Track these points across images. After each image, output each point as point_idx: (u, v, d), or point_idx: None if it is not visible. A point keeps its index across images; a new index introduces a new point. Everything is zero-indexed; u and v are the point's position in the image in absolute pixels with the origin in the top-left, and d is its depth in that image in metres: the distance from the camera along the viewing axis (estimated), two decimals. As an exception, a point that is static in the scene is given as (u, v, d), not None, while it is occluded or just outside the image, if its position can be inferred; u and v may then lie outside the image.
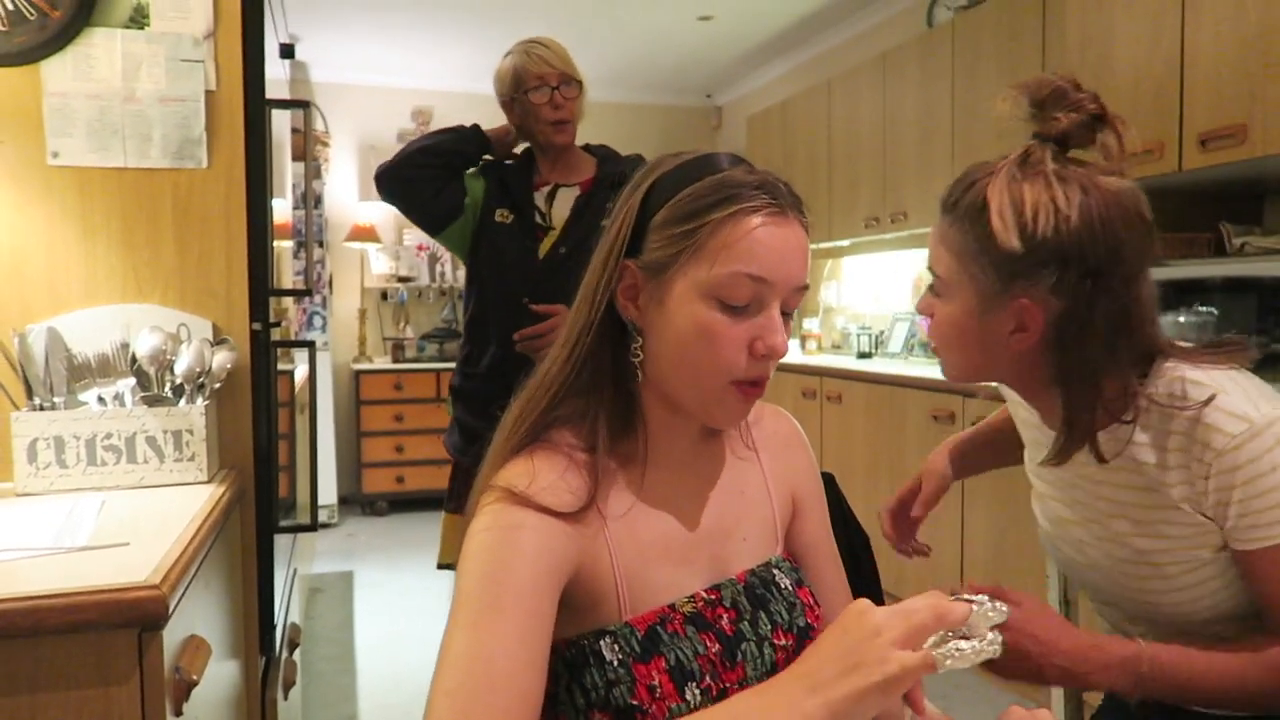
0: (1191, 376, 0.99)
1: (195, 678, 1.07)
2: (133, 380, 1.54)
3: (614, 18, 4.71)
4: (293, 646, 2.15)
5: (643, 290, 0.89)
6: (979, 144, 3.33)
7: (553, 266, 2.03)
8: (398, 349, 5.63)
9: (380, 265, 5.77)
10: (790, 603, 0.95)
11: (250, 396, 1.70)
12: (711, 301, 0.85)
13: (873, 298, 4.70)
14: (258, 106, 1.70)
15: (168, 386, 1.54)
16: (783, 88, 5.48)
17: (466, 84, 5.73)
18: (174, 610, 1.00)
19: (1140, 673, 0.98)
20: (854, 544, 1.22)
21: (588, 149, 2.20)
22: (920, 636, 0.67)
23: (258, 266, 1.70)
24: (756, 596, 0.94)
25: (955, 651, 0.71)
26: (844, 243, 4.60)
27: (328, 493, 5.08)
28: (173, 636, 1.02)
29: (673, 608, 0.89)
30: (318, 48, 5.16)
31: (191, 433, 1.50)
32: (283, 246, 2.86)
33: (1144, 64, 2.33)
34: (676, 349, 0.87)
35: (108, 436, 1.46)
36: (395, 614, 3.70)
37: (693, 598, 0.91)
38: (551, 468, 0.87)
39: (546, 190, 2.13)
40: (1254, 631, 1.02)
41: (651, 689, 0.84)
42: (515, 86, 2.07)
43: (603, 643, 0.86)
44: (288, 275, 2.90)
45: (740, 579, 0.95)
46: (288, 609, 2.18)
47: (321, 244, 5.16)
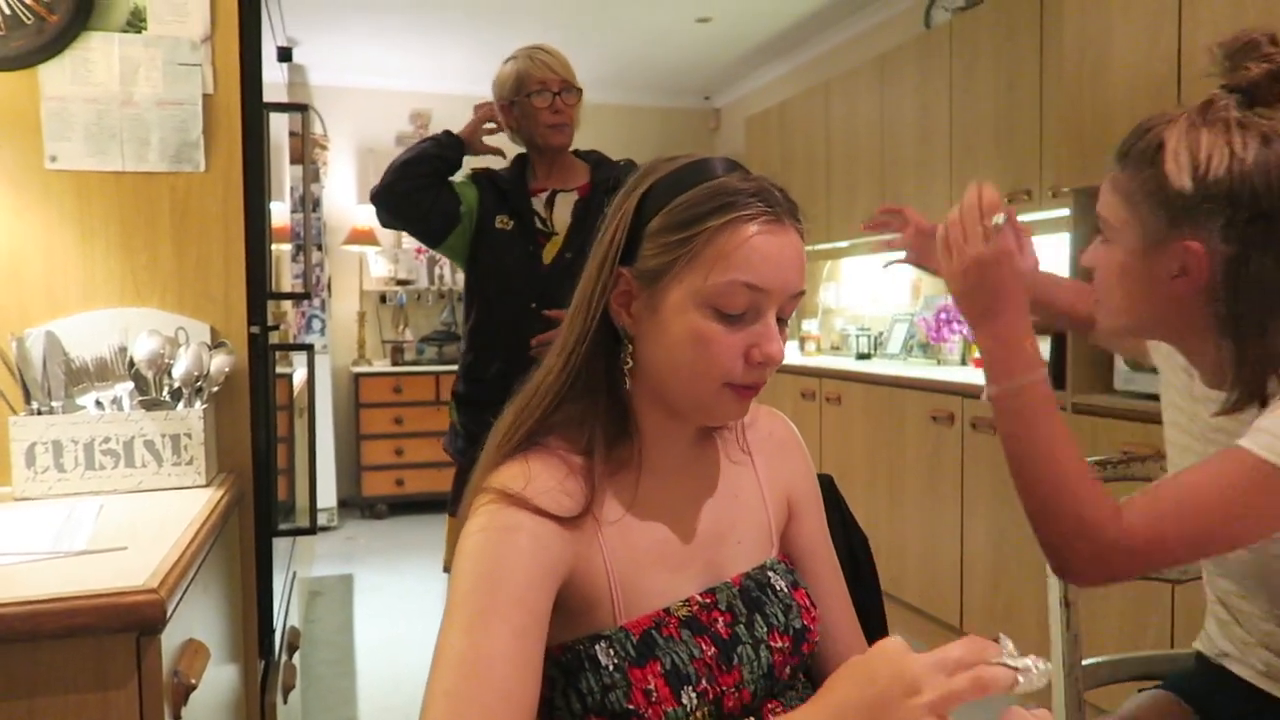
0: None
1: (194, 681, 1.06)
2: (131, 384, 1.54)
3: (612, 19, 4.71)
4: (292, 650, 2.14)
5: (637, 298, 0.89)
6: (977, 145, 3.34)
7: (560, 272, 2.04)
8: (397, 352, 5.63)
9: (379, 268, 5.78)
10: (786, 605, 0.95)
11: (249, 400, 1.70)
12: (707, 310, 0.85)
13: (871, 299, 4.70)
14: (255, 110, 1.70)
15: (166, 390, 1.54)
16: (781, 89, 5.48)
17: (464, 86, 5.73)
18: (172, 614, 1.00)
19: None
20: (853, 545, 1.22)
21: (578, 154, 2.24)
22: (955, 705, 0.62)
23: (256, 270, 1.70)
24: (752, 599, 0.94)
25: None
26: (842, 244, 4.60)
27: (327, 496, 5.08)
28: (171, 640, 1.02)
29: (667, 612, 0.89)
30: (316, 51, 5.17)
31: (190, 436, 1.50)
32: (281, 250, 2.86)
33: (1142, 64, 2.33)
34: (671, 357, 0.87)
35: (106, 440, 1.46)
36: (395, 617, 3.70)
37: (688, 601, 0.91)
38: (549, 472, 0.87)
39: (545, 196, 2.15)
40: None
41: (647, 693, 0.84)
42: (517, 90, 2.11)
43: (598, 647, 0.86)
44: (286, 279, 2.90)
45: (735, 582, 0.95)
46: (287, 612, 2.18)
47: (320, 247, 5.16)
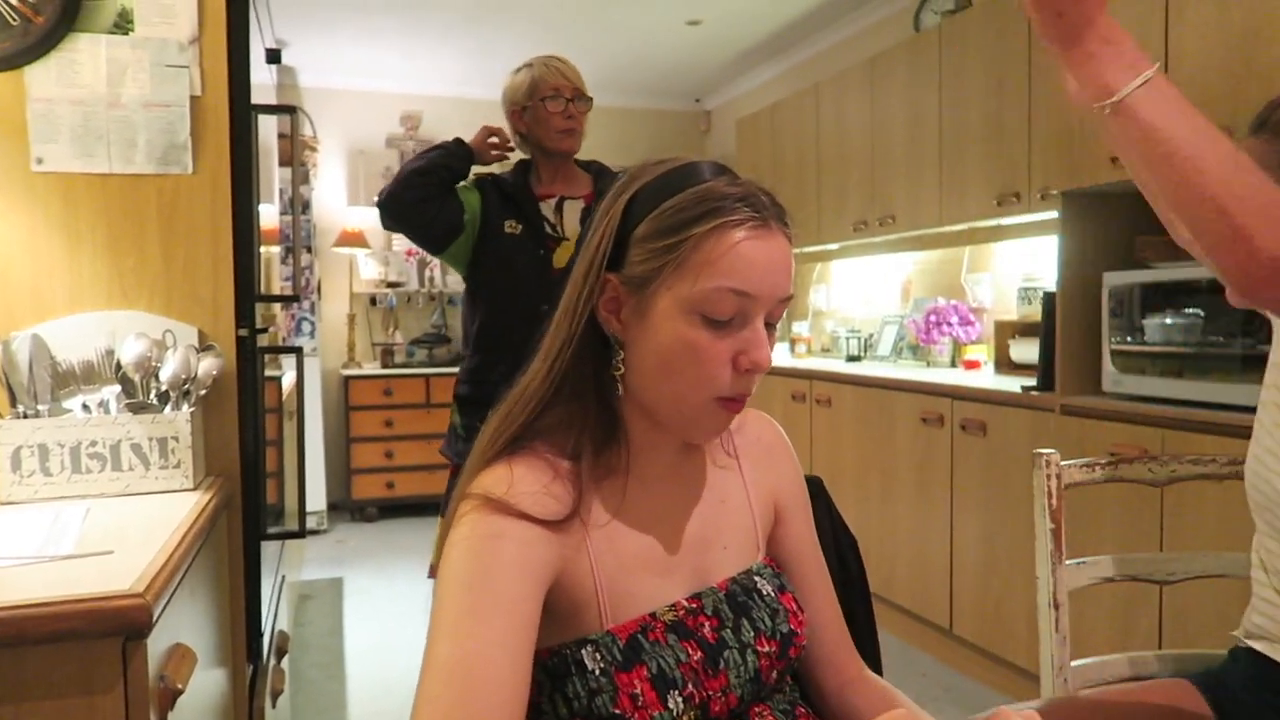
0: None
1: (180, 686, 1.06)
2: (118, 387, 1.53)
3: (603, 22, 4.71)
4: (281, 654, 2.14)
5: (625, 304, 0.88)
6: (967, 147, 3.35)
7: None
8: (387, 354, 5.61)
9: (369, 270, 5.76)
10: (773, 609, 0.95)
11: (237, 403, 1.69)
12: (695, 316, 0.85)
13: (861, 301, 4.71)
14: (244, 111, 1.70)
15: (153, 393, 1.53)
16: (772, 92, 5.49)
17: (455, 88, 5.73)
18: (158, 619, 0.99)
19: None
20: (842, 547, 1.22)
21: (580, 164, 2.28)
22: None
23: (244, 272, 1.70)
24: (738, 604, 0.94)
25: None
26: (832, 246, 4.61)
27: (316, 499, 5.06)
28: (157, 645, 1.01)
29: (654, 616, 0.89)
30: (305, 52, 5.15)
31: (177, 440, 1.49)
32: (270, 252, 2.85)
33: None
34: (659, 363, 0.87)
35: (92, 444, 1.45)
36: (385, 620, 3.68)
37: (674, 606, 0.91)
38: (534, 475, 0.87)
39: (554, 201, 2.21)
40: None
41: (634, 697, 0.84)
42: (530, 95, 2.18)
43: (584, 651, 0.85)
44: (275, 281, 2.89)
45: (722, 587, 0.95)
46: (276, 616, 2.17)
47: (310, 249, 5.15)
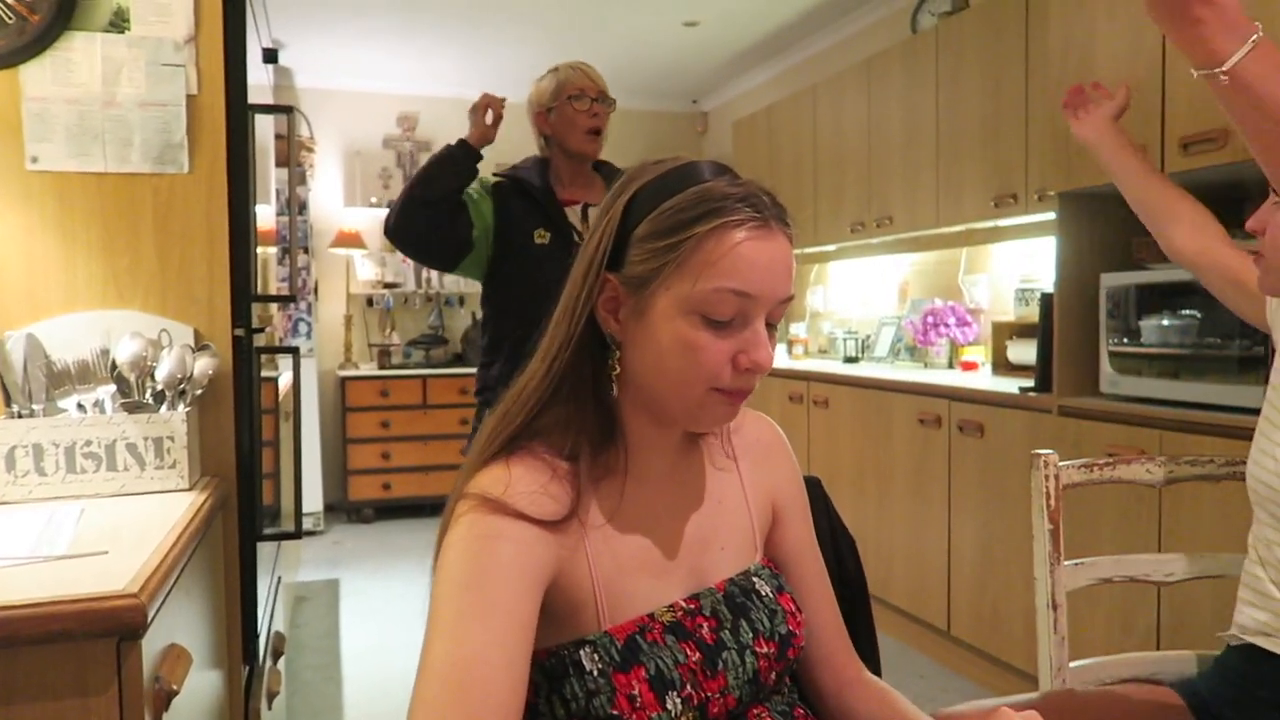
0: None
1: (175, 687, 1.05)
2: (113, 387, 1.52)
3: (600, 22, 4.71)
4: (277, 655, 2.13)
5: (624, 304, 0.88)
6: (964, 149, 3.35)
7: None
8: (384, 355, 5.61)
9: (366, 271, 5.76)
10: (771, 610, 0.95)
11: (233, 403, 1.68)
12: (695, 317, 0.84)
13: (859, 302, 4.71)
14: (240, 111, 1.69)
15: (148, 393, 1.52)
16: (768, 93, 5.49)
17: (452, 89, 5.73)
18: (153, 619, 0.99)
19: None
20: (840, 548, 1.22)
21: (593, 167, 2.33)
22: None
23: (240, 272, 1.69)
24: (737, 605, 0.94)
25: None
26: (830, 248, 4.61)
27: (313, 500, 5.05)
28: (152, 646, 1.01)
29: (652, 617, 0.89)
30: (302, 53, 5.15)
31: (173, 440, 1.48)
32: (267, 253, 2.84)
33: (1126, 68, 2.34)
34: (659, 363, 0.87)
35: (87, 444, 1.45)
36: (382, 621, 3.68)
37: (672, 607, 0.91)
38: (531, 475, 0.86)
39: (579, 208, 2.24)
40: None
41: (632, 698, 0.83)
42: (556, 95, 2.24)
43: (582, 652, 0.85)
44: (272, 282, 2.88)
45: (720, 588, 0.95)
46: (272, 617, 2.16)
47: (306, 250, 5.14)
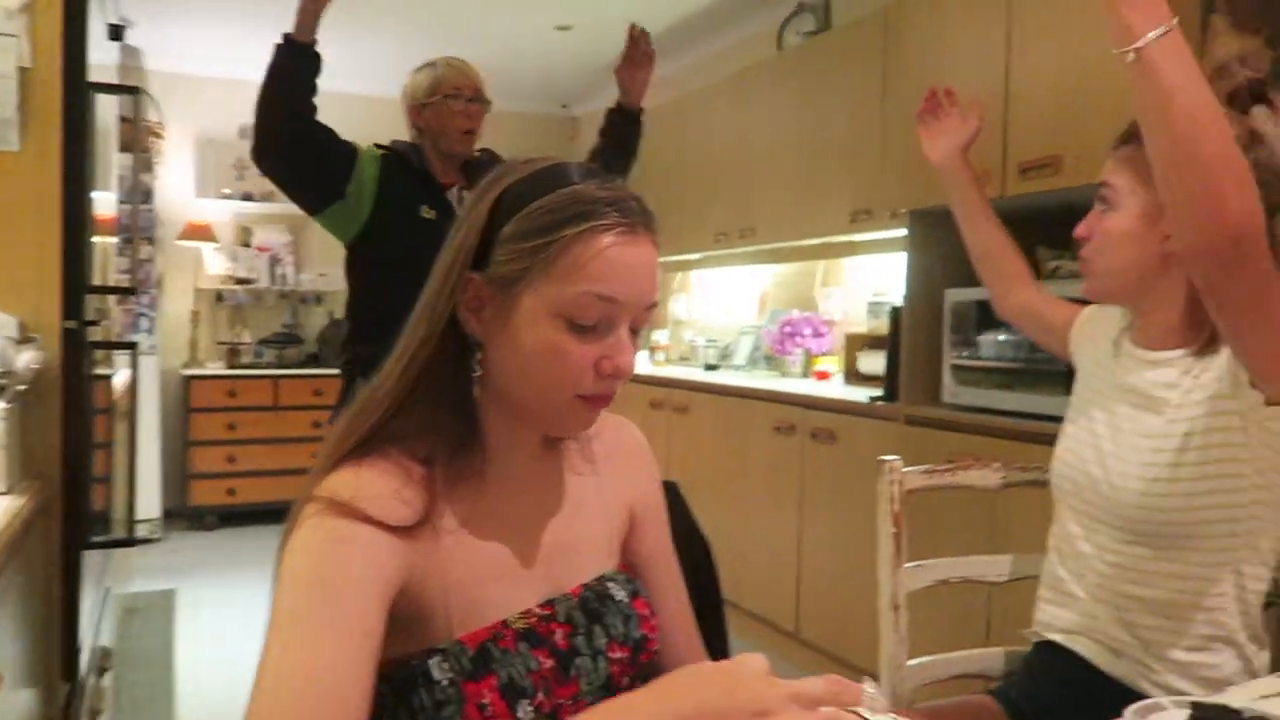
0: None
1: (-17, 707, 0.97)
2: (-80, 380, 1.40)
3: (473, 22, 4.65)
4: (102, 671, 2.00)
5: (487, 304, 0.87)
6: (825, 165, 3.46)
7: None
8: (233, 354, 5.35)
9: (216, 265, 5.48)
10: (626, 615, 0.95)
11: (61, 400, 1.57)
12: (559, 320, 0.84)
13: (721, 311, 4.81)
14: (79, 88, 1.59)
15: (-38, 388, 1.40)
16: (638, 102, 5.54)
17: (318, 81, 5.52)
18: (-42, 634, 0.91)
19: None
20: (695, 553, 1.23)
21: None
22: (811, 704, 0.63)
23: (73, 260, 1.59)
24: (591, 610, 0.93)
25: None
26: (694, 256, 4.69)
27: (150, 506, 4.76)
28: (-44, 663, 0.93)
29: (505, 624, 0.87)
30: (154, 33, 4.85)
31: (-11, 439, 1.37)
32: (107, 242, 2.67)
33: (973, 95, 2.47)
34: (522, 366, 0.86)
35: (-112, 442, 1.32)
36: (222, 634, 3.50)
37: (525, 614, 0.89)
38: (384, 479, 0.84)
39: (457, 191, 2.28)
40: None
41: (482, 708, 0.82)
42: (432, 91, 2.25)
43: (432, 662, 0.83)
44: (112, 273, 2.71)
45: (575, 593, 0.94)
46: (98, 631, 2.03)
47: (151, 241, 4.85)
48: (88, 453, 1.63)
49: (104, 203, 1.98)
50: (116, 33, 2.40)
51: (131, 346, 1.92)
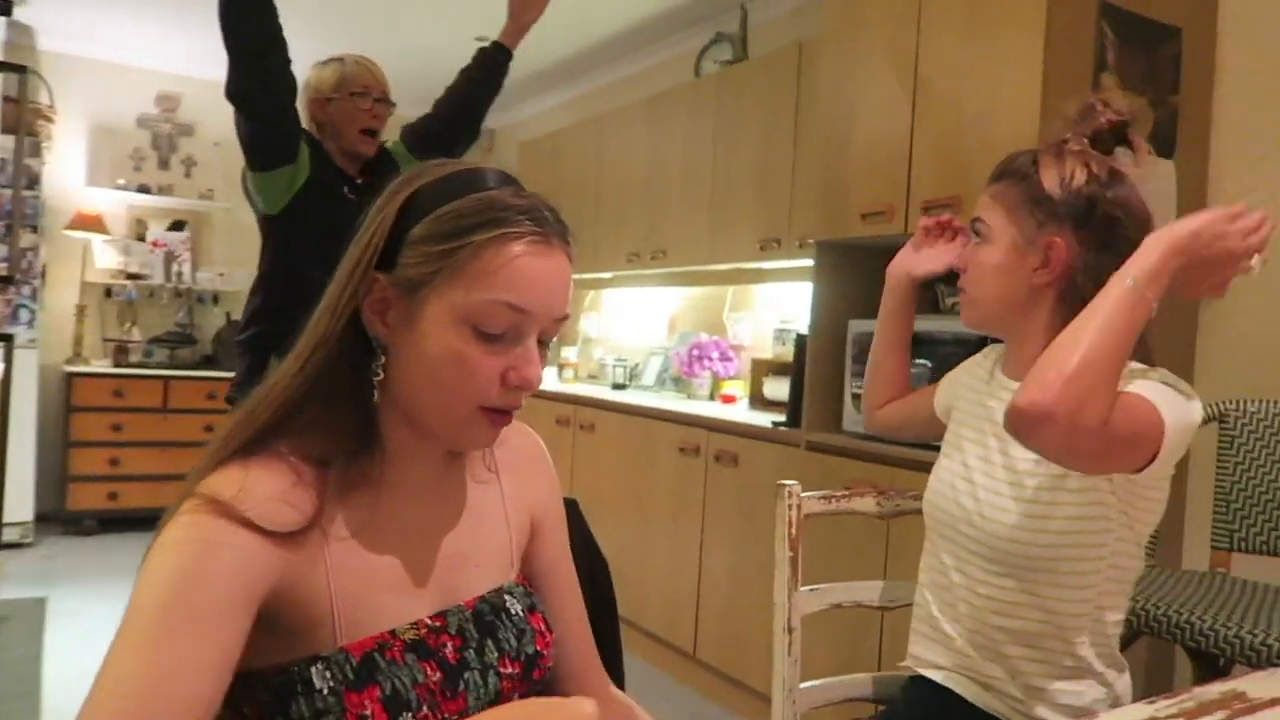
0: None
1: None
2: None
3: (390, 27, 4.58)
4: (-40, 684, 1.87)
5: (393, 306, 0.85)
6: (736, 192, 3.52)
7: None
8: (121, 352, 5.11)
9: (107, 259, 5.23)
10: (520, 629, 0.94)
11: (-75, 394, 1.47)
12: (466, 328, 0.82)
13: (631, 330, 4.83)
14: (-40, 65, 1.50)
15: None
16: (556, 118, 5.54)
17: (221, 72, 5.35)
18: None
19: None
20: (594, 570, 1.23)
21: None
22: None
23: (-53, 246, 1.49)
24: (485, 624, 0.92)
25: None
26: (606, 275, 4.70)
27: (22, 509, 4.48)
28: None
29: (394, 634, 0.85)
30: (48, 11, 4.63)
31: None
32: (-15, 227, 2.53)
33: (881, 134, 2.56)
34: (425, 373, 0.84)
35: None
36: (97, 645, 3.28)
37: (416, 624, 0.87)
38: (272, 480, 0.81)
39: (363, 183, 2.26)
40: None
41: (363, 719, 0.79)
42: (338, 87, 2.20)
43: (314, 670, 0.80)
44: (-11, 260, 2.57)
45: (470, 605, 0.92)
46: (-43, 640, 1.90)
47: (35, 229, 4.61)
48: (-47, 451, 1.53)
49: (-14, 187, 1.87)
50: (5, 7, 2.27)
51: (6, 339, 1.80)
